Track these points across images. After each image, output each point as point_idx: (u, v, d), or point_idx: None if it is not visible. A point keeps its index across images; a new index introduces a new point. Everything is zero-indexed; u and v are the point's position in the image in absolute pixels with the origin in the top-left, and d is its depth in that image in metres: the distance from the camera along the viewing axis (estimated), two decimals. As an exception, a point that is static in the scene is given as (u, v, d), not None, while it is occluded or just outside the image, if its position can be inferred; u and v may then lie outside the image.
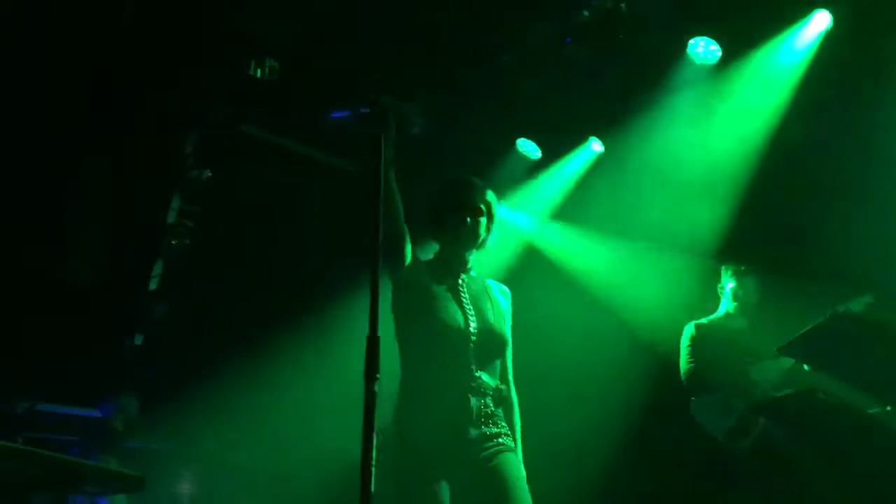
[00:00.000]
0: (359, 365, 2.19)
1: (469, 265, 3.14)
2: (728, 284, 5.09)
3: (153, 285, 6.34)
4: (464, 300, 3.02)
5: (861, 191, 4.74)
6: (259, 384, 5.99)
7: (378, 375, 2.13)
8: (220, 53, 5.92)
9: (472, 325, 2.95)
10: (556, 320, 5.78)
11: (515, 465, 2.92)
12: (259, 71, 5.86)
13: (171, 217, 6.40)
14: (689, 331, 5.01)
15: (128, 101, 6.01)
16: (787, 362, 4.57)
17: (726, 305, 5.09)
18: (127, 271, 6.26)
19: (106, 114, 5.94)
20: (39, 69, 5.58)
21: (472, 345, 2.92)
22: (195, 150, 6.46)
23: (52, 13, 5.37)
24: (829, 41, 4.74)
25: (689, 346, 4.96)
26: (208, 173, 6.40)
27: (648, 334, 5.68)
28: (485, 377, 2.93)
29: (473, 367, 2.91)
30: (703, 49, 5.06)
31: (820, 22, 4.71)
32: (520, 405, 3.09)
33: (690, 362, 4.92)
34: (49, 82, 5.67)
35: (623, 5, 4.94)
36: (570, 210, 6.33)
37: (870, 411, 4.15)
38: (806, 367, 4.45)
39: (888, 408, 4.08)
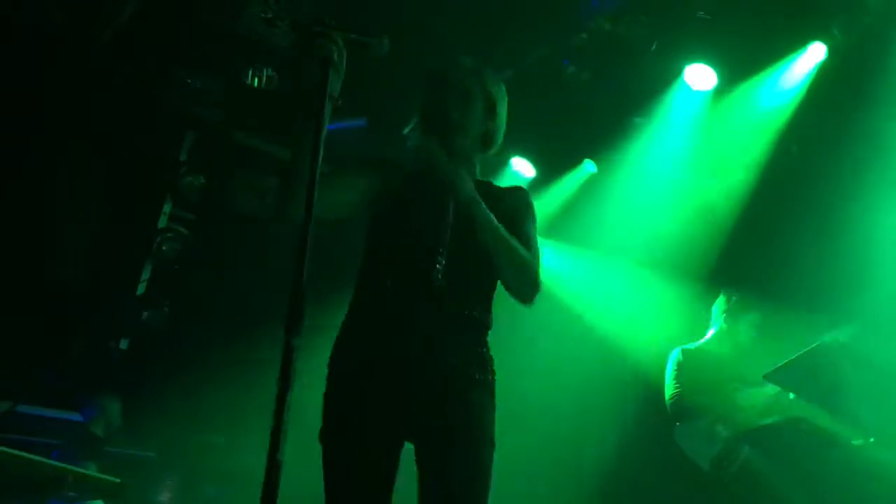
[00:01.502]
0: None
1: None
2: (717, 310, 5.09)
3: (141, 290, 6.31)
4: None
5: (850, 221, 4.77)
6: (245, 391, 5.96)
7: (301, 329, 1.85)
8: (217, 59, 5.94)
9: None
10: (543, 338, 5.78)
11: None
12: (256, 80, 5.88)
13: (163, 222, 6.39)
14: (675, 356, 5.00)
15: (124, 102, 6.01)
16: (773, 389, 4.57)
17: (714, 331, 5.09)
18: (115, 274, 6.24)
19: (101, 114, 5.93)
20: (37, 65, 5.58)
21: None
22: (189, 156, 6.46)
23: (50, 10, 5.37)
24: (824, 73, 4.78)
25: (674, 370, 4.95)
26: (201, 180, 6.39)
27: (636, 355, 5.68)
28: None
29: None
30: (700, 75, 5.09)
31: (815, 53, 4.75)
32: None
33: (676, 387, 4.91)
34: (47, 79, 5.67)
35: (621, 29, 4.97)
36: (563, 229, 6.34)
37: (854, 442, 4.15)
38: (791, 395, 4.45)
39: (871, 439, 4.08)
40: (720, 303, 5.08)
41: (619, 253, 5.97)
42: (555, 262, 6.49)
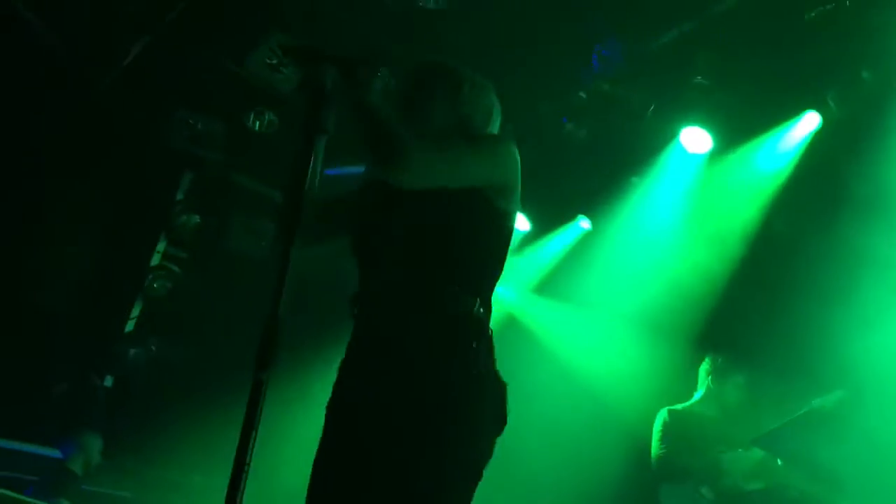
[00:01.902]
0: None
1: None
2: (704, 372, 5.09)
3: (130, 327, 6.27)
4: None
5: (840, 291, 4.79)
6: (226, 431, 5.87)
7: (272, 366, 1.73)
8: (220, 101, 6.01)
9: None
10: (532, 395, 5.74)
11: None
12: (257, 123, 5.94)
13: (156, 260, 6.38)
14: (661, 416, 4.98)
15: (125, 139, 6.05)
16: (759, 453, 4.54)
17: (702, 393, 5.08)
18: (105, 310, 6.20)
19: (102, 149, 5.97)
20: (41, 98, 5.63)
21: None
22: (186, 195, 6.48)
23: (57, 46, 5.44)
24: (818, 141, 4.85)
25: (661, 431, 4.92)
26: (196, 219, 6.40)
27: (625, 414, 5.64)
28: None
29: None
30: (696, 139, 5.16)
31: (810, 122, 4.82)
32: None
33: (662, 448, 4.88)
34: (50, 112, 5.72)
35: (619, 91, 5.05)
36: (554, 285, 6.36)
37: (841, 510, 4.12)
38: (779, 461, 4.42)
39: (859, 507, 4.06)
40: (706, 365, 5.09)
41: (610, 310, 5.97)
42: (546, 316, 6.49)
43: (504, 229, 2.37)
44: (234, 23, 5.25)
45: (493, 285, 2.34)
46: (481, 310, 2.23)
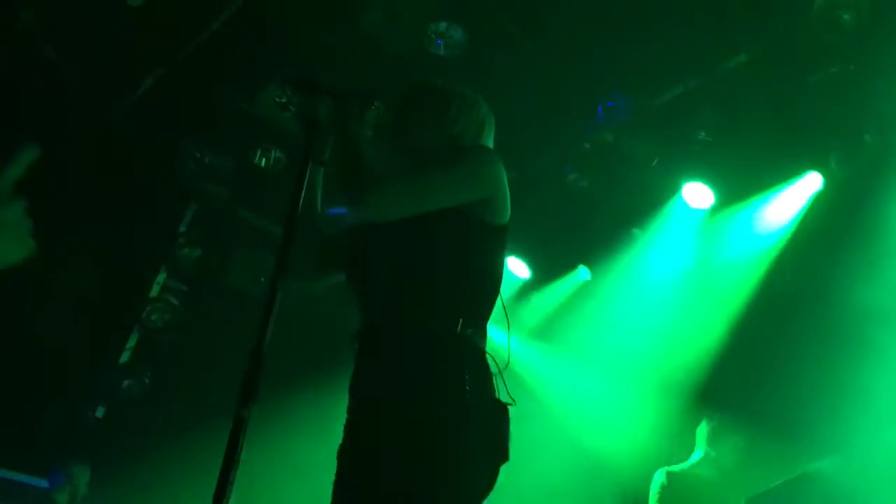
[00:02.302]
0: (328, 447, 2.02)
1: None
2: (701, 434, 5.05)
3: (125, 358, 6.24)
4: None
5: (839, 353, 4.77)
6: (217, 470, 5.81)
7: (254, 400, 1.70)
8: (229, 137, 6.06)
9: None
10: (525, 448, 5.67)
11: None
12: (264, 160, 5.98)
13: (155, 291, 6.37)
14: (659, 479, 4.93)
15: (133, 170, 6.09)
16: None
17: (700, 455, 5.03)
18: (101, 339, 6.17)
19: (108, 178, 6.00)
20: (50, 126, 5.68)
21: None
22: (189, 228, 6.50)
23: (71, 78, 5.51)
24: (820, 202, 4.87)
25: (658, 493, 4.87)
26: (198, 252, 6.41)
27: (619, 471, 5.58)
28: None
29: None
30: (698, 194, 5.18)
31: (812, 182, 4.85)
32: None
33: None
34: (58, 137, 5.76)
35: (623, 143, 5.09)
36: (552, 333, 6.33)
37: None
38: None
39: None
40: (704, 426, 5.04)
41: (608, 362, 5.94)
42: (543, 365, 6.45)
43: (492, 245, 2.32)
44: (245, 62, 5.32)
45: (487, 306, 2.30)
46: (468, 330, 2.17)
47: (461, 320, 2.15)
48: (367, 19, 4.77)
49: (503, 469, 2.18)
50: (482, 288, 2.28)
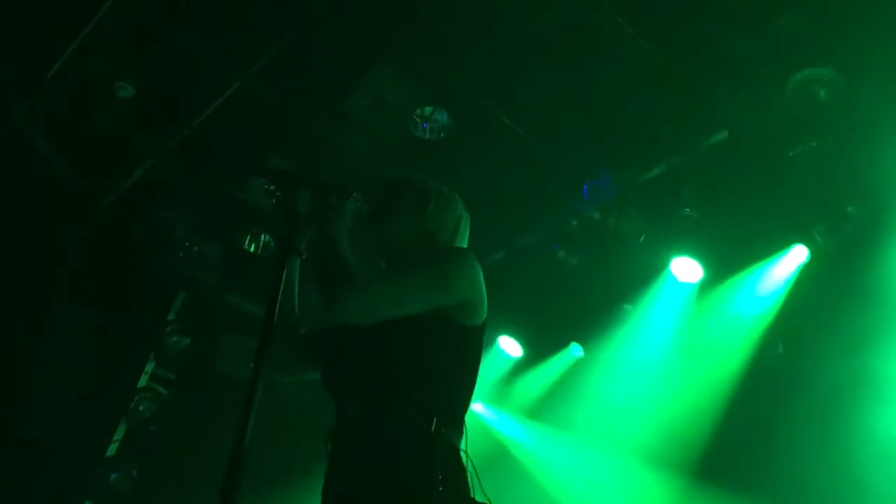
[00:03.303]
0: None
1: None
2: None
3: (112, 450, 6.11)
4: None
5: (838, 423, 4.74)
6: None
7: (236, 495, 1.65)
8: (218, 224, 6.09)
9: None
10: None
11: None
12: (253, 246, 6.00)
13: (143, 381, 6.29)
14: None
15: (120, 258, 6.09)
16: None
17: None
18: (87, 432, 6.05)
19: (95, 267, 5.99)
20: (40, 216, 5.71)
21: None
22: (179, 315, 6.46)
23: (61, 169, 5.56)
24: (807, 273, 4.90)
25: None
26: (187, 341, 6.36)
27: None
28: None
29: None
30: (686, 268, 5.21)
31: (798, 254, 4.88)
32: None
33: None
34: (47, 227, 5.78)
35: (610, 220, 5.15)
36: (547, 411, 6.26)
37: None
38: None
39: None
40: None
41: (602, 439, 5.87)
42: (538, 444, 6.36)
43: (469, 346, 2.31)
44: (235, 149, 5.39)
45: (463, 404, 2.28)
46: (443, 430, 2.15)
47: (436, 419, 2.14)
48: (353, 105, 4.86)
49: None
50: (458, 387, 2.27)
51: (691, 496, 5.15)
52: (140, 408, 6.11)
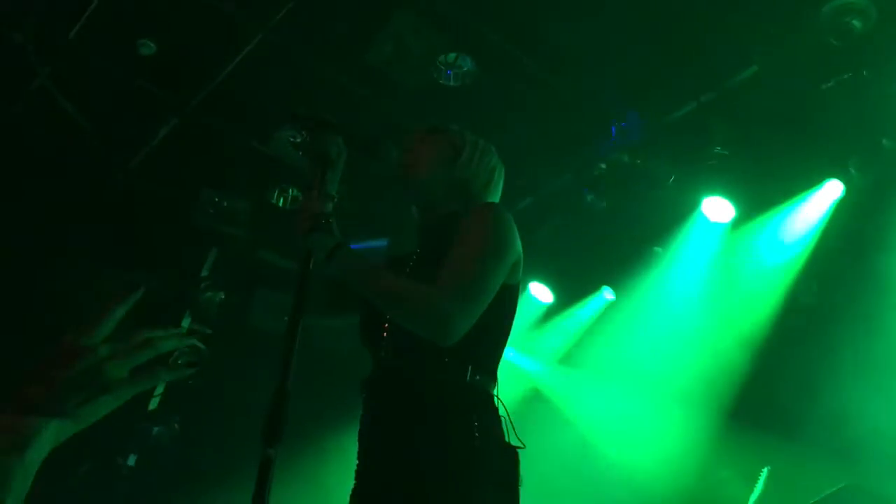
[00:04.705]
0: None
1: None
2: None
3: (153, 405, 6.25)
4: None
5: (872, 361, 4.70)
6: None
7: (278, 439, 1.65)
8: (245, 179, 6.11)
9: None
10: (555, 474, 5.61)
11: None
12: (281, 200, 6.02)
13: (180, 337, 6.39)
14: None
15: (152, 218, 6.16)
16: None
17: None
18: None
19: (127, 228, 6.07)
20: (69, 179, 5.77)
21: None
22: (212, 271, 6.54)
23: (88, 131, 5.59)
24: (842, 208, 4.82)
25: None
26: (221, 296, 6.44)
27: (647, 485, 5.51)
28: None
29: None
30: (717, 208, 5.15)
31: (832, 190, 4.80)
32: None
33: None
34: (77, 190, 5.85)
35: (639, 162, 5.08)
36: (580, 356, 6.29)
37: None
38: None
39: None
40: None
41: (636, 381, 5.89)
42: (572, 389, 6.40)
43: (506, 302, 2.31)
44: (258, 103, 5.37)
45: (498, 354, 2.31)
46: (477, 377, 2.18)
47: (470, 368, 2.18)
48: (376, 54, 4.81)
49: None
50: (495, 340, 2.30)
51: (725, 437, 5.17)
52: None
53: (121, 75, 5.19)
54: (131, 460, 6.16)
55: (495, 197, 2.55)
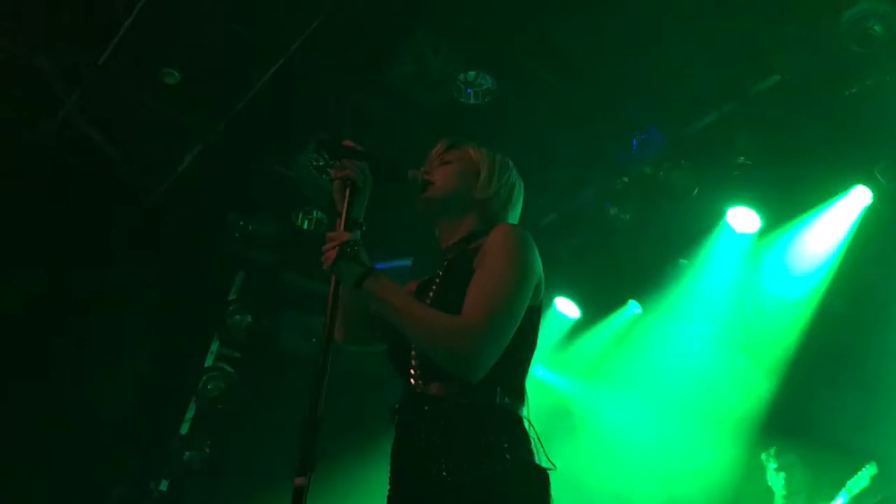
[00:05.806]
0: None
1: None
2: (773, 468, 4.95)
3: (185, 429, 6.29)
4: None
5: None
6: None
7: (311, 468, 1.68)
8: (271, 203, 6.17)
9: None
10: (585, 490, 5.57)
11: None
12: (306, 222, 6.06)
13: (209, 360, 6.44)
14: None
15: (180, 243, 6.23)
16: None
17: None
18: (161, 412, 6.24)
19: (156, 253, 6.14)
20: (98, 206, 5.86)
21: None
22: (239, 295, 6.59)
23: (115, 159, 5.68)
24: (872, 215, 4.76)
25: None
26: (249, 319, 6.49)
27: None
28: None
29: None
30: (743, 218, 5.10)
31: (861, 196, 4.73)
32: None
33: None
34: (105, 216, 5.93)
35: (662, 174, 5.06)
36: (607, 371, 6.24)
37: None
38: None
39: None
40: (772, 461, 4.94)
41: (662, 395, 5.83)
42: (598, 402, 6.36)
43: (530, 322, 2.30)
44: (282, 128, 5.43)
45: (523, 374, 2.32)
46: (506, 399, 2.20)
47: (499, 390, 2.20)
48: (396, 74, 4.84)
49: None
50: (520, 359, 2.31)
51: (755, 451, 5.11)
52: (208, 386, 6.27)
53: (147, 102, 5.27)
54: (163, 485, 6.19)
55: (516, 213, 2.56)
